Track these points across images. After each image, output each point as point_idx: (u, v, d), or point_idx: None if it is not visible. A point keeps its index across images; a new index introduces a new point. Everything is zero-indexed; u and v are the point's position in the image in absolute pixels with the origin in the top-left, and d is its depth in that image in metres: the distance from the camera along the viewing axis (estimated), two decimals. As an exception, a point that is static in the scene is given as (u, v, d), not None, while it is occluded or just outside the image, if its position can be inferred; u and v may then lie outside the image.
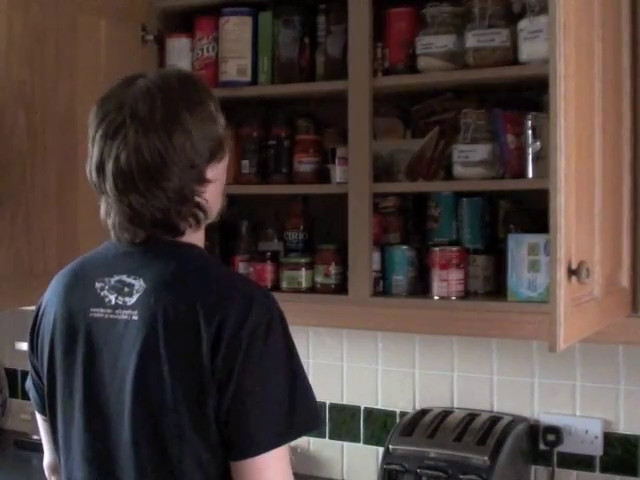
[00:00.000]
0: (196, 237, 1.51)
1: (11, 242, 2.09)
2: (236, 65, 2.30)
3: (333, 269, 2.22)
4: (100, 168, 1.44)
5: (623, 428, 2.15)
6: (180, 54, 2.37)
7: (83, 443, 1.47)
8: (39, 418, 1.63)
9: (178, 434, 1.38)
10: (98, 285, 1.48)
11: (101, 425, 1.45)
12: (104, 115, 1.45)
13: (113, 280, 1.47)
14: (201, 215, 1.49)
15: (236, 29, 2.30)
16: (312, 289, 2.25)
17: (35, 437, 2.77)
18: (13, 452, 2.81)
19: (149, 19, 2.36)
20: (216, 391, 1.36)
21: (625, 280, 1.81)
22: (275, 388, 1.37)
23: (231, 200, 2.46)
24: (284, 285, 2.26)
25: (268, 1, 2.31)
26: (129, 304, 1.43)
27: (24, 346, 2.76)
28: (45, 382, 1.54)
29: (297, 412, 1.39)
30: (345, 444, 2.49)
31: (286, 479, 1.41)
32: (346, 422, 2.49)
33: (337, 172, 2.19)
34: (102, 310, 1.46)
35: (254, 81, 2.31)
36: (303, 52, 2.27)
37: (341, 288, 2.19)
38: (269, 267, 2.29)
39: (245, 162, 2.35)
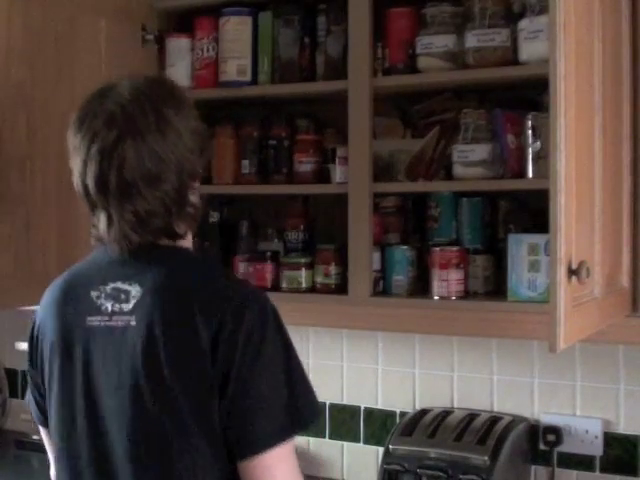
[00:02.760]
0: (186, 240, 1.53)
1: (11, 242, 2.09)
2: (236, 65, 2.30)
3: (333, 269, 2.22)
4: (101, 182, 1.43)
5: (623, 428, 2.15)
6: (180, 54, 2.37)
7: (87, 453, 1.46)
8: (42, 431, 1.63)
9: (183, 438, 1.38)
10: (94, 294, 1.48)
11: (102, 433, 1.44)
12: (95, 132, 1.43)
13: (109, 288, 1.47)
14: (195, 214, 1.51)
15: (236, 29, 2.30)
16: (312, 289, 2.25)
17: (35, 437, 2.77)
18: (13, 452, 2.80)
19: (149, 19, 2.36)
20: (217, 392, 1.36)
21: (625, 280, 1.81)
22: (274, 383, 1.38)
23: (231, 200, 2.49)
24: (284, 285, 2.26)
25: (268, 1, 2.31)
26: (126, 310, 1.43)
27: (24, 346, 2.77)
28: (47, 396, 1.54)
29: (298, 406, 1.40)
30: (345, 444, 2.49)
31: (295, 476, 1.42)
32: (346, 422, 2.49)
33: (337, 172, 2.19)
34: (99, 318, 1.46)
35: (254, 81, 2.31)
36: (303, 52, 2.27)
37: (341, 288, 2.19)
38: (269, 267, 2.29)
39: (245, 162, 2.34)
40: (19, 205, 2.10)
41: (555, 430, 2.19)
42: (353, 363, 2.48)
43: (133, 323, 1.42)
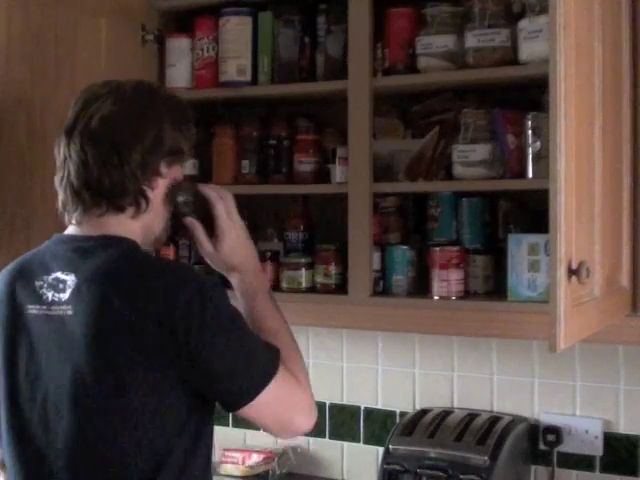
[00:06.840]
0: (132, 225, 1.55)
1: (11, 242, 2.09)
2: (236, 65, 2.29)
3: (333, 269, 2.22)
4: (72, 124, 1.52)
5: (623, 428, 2.15)
6: (180, 54, 2.37)
7: (32, 438, 1.49)
8: None
9: (126, 413, 1.42)
10: (37, 284, 1.52)
11: (46, 419, 1.48)
12: (89, 87, 1.56)
13: (50, 278, 1.50)
14: (143, 203, 1.53)
15: (236, 29, 2.30)
16: (312, 289, 2.24)
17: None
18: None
19: (149, 19, 2.36)
20: (169, 370, 1.41)
21: (625, 280, 1.81)
22: (226, 350, 1.43)
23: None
24: (284, 285, 2.26)
25: (268, 1, 2.31)
26: (63, 300, 1.47)
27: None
28: None
29: (257, 363, 1.46)
30: (345, 444, 2.49)
31: (290, 399, 1.50)
32: (346, 422, 2.49)
33: (337, 172, 2.19)
34: (38, 307, 1.50)
35: (254, 81, 2.31)
36: (303, 52, 2.27)
37: (341, 288, 2.19)
38: (269, 267, 2.29)
39: (245, 162, 2.34)
40: (19, 205, 2.10)
41: (555, 430, 2.19)
42: (353, 363, 2.48)
43: (70, 312, 1.45)
